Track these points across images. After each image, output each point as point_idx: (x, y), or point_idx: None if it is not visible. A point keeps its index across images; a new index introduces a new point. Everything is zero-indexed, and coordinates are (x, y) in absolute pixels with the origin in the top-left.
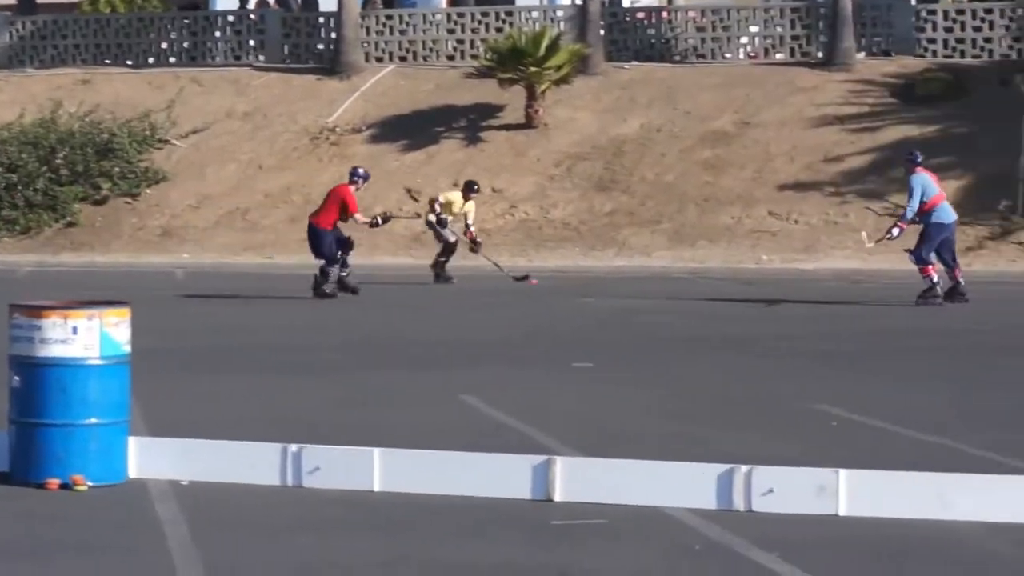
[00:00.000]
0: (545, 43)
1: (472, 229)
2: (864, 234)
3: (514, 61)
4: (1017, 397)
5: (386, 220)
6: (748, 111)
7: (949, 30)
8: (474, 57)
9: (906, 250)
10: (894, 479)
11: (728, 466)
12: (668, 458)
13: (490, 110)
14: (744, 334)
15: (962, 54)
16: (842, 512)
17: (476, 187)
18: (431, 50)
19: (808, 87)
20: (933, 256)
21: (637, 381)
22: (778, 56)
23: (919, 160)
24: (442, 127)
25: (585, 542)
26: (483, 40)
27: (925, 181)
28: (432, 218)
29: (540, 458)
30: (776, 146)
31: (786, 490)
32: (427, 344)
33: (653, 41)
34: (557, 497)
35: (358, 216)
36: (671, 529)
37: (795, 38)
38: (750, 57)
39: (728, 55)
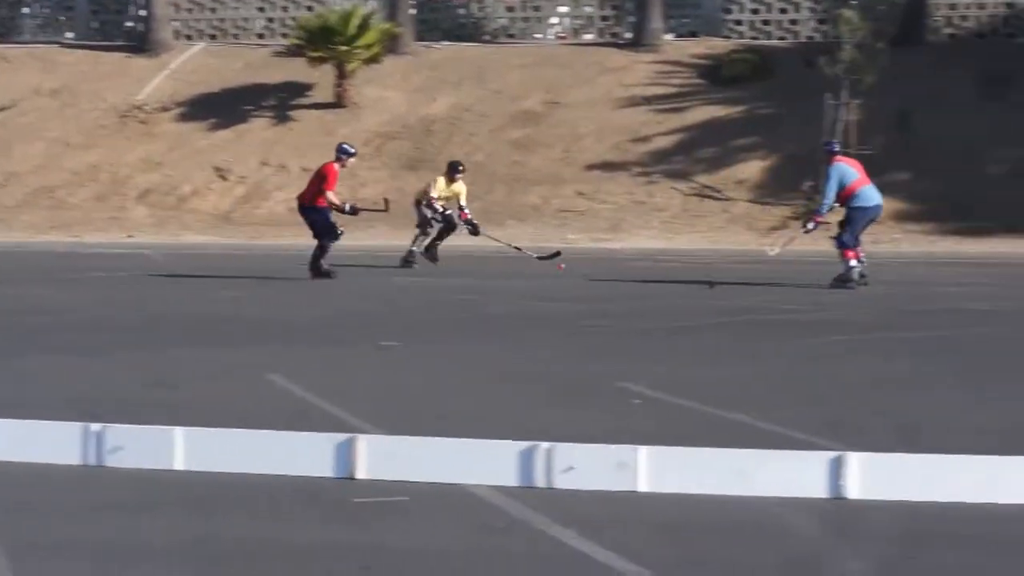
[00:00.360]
0: (355, 22)
1: (467, 210)
2: (769, 246)
3: (324, 40)
4: (815, 373)
5: (355, 212)
6: (557, 91)
7: (755, 12)
8: (284, 36)
9: (832, 236)
10: (692, 455)
11: (530, 443)
12: (472, 436)
13: (300, 89)
14: (553, 312)
15: (768, 36)
16: (641, 489)
17: (461, 167)
18: (241, 28)
19: (616, 68)
20: (854, 240)
21: (444, 359)
22: (587, 37)
23: (836, 149)
24: (251, 106)
25: (387, 520)
26: (293, 19)
27: (842, 170)
28: (433, 214)
29: (343, 436)
30: (584, 126)
31: (587, 467)
32: (239, 322)
33: (463, 21)
34: (360, 475)
35: (331, 195)
36: (473, 506)
37: (604, 19)
38: (559, 38)
39: (538, 35)
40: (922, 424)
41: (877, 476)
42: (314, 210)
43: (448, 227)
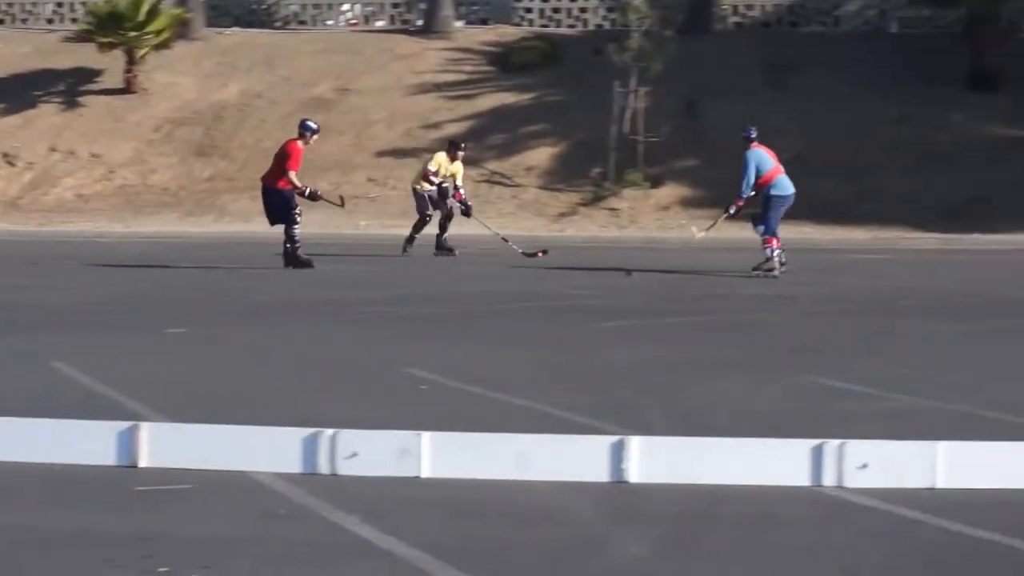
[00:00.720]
0: (145, 8)
1: (462, 191)
2: (694, 228)
3: (113, 25)
4: (599, 358)
5: (314, 197)
6: (348, 78)
7: (546, 0)
8: (74, 21)
9: (753, 223)
10: (475, 440)
11: (313, 430)
12: (256, 423)
13: (89, 75)
14: (342, 299)
15: (558, 24)
16: (424, 474)
17: (462, 145)
18: (30, 13)
19: (407, 55)
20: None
21: (230, 346)
22: (378, 24)
23: (753, 136)
24: (40, 91)
25: (170, 508)
26: (83, 3)
27: (759, 156)
28: (429, 189)
29: (125, 424)
30: (375, 113)
31: (370, 453)
32: (24, 310)
33: (254, 7)
34: (143, 463)
35: (292, 175)
36: (257, 494)
37: (395, 6)
38: (350, 25)
39: (329, 22)
40: (701, 408)
41: (657, 459)
42: (277, 193)
43: (447, 214)
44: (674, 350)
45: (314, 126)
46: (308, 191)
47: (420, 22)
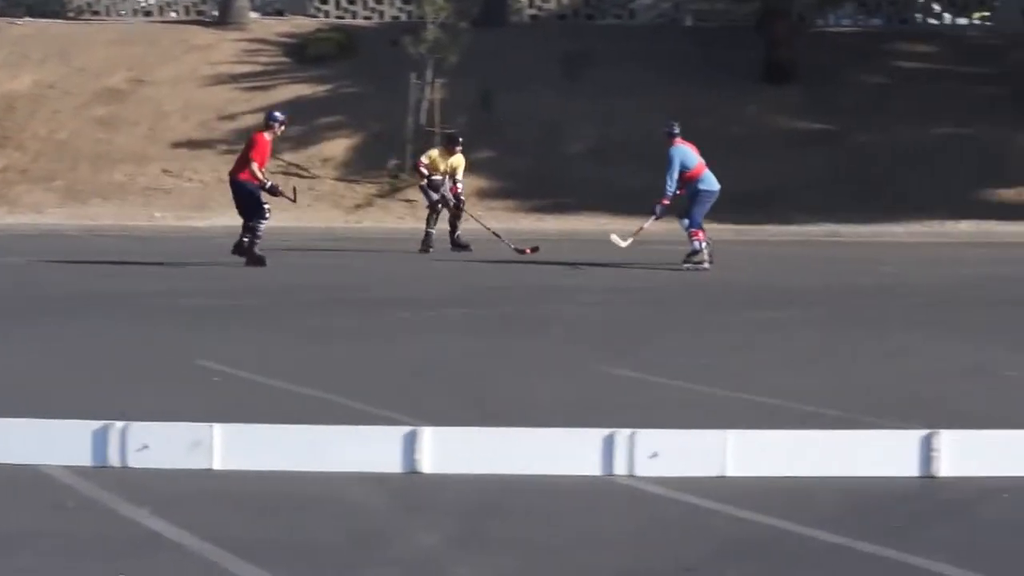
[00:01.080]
0: None
1: (459, 185)
2: (614, 236)
3: None
4: (393, 349)
5: (274, 192)
6: (142, 69)
7: None
8: None
9: (679, 217)
10: (268, 432)
11: (103, 422)
12: (46, 415)
13: None
14: (134, 291)
15: (354, 15)
16: (216, 466)
17: (460, 140)
18: None
19: (203, 46)
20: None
21: (22, 339)
22: (173, 15)
23: (676, 132)
24: None
25: None
26: None
27: (684, 153)
28: (421, 181)
29: None
30: (170, 104)
31: (161, 446)
32: None
33: None
34: None
35: (255, 166)
36: (46, 487)
37: None
38: (145, 15)
39: (123, 12)
40: (495, 398)
41: (450, 450)
42: (241, 185)
43: (455, 211)
44: (470, 341)
45: (280, 117)
46: (269, 184)
47: (215, 13)
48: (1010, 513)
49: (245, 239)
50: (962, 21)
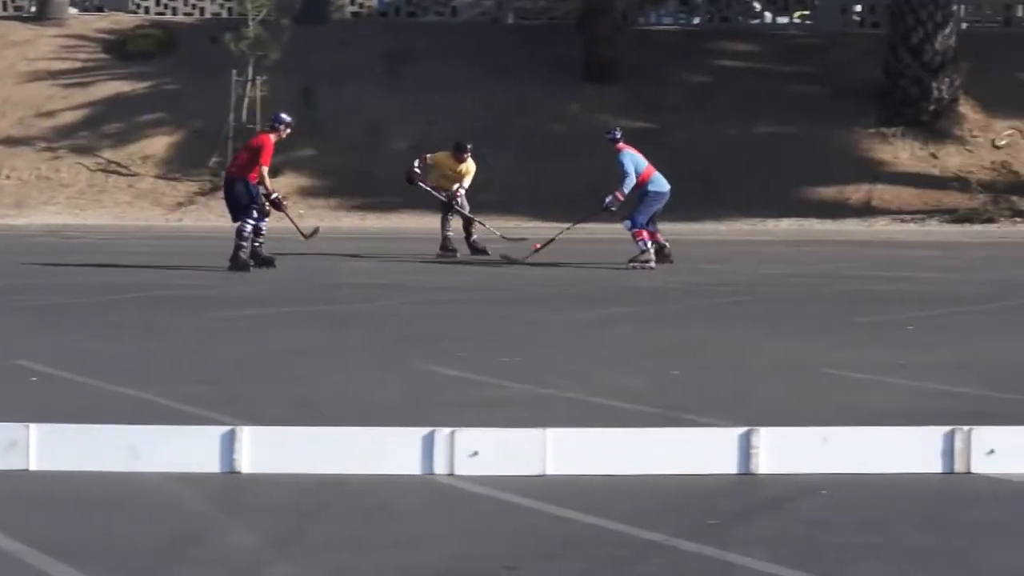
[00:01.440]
0: None
1: (462, 190)
2: (537, 245)
3: None
4: (215, 348)
5: (278, 205)
6: None
7: None
8: None
9: (624, 219)
10: (85, 432)
11: None
12: None
13: None
14: None
15: (174, 12)
16: (33, 467)
17: (468, 147)
18: None
19: (20, 41)
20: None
21: None
22: None
23: (619, 136)
24: None
25: None
26: None
27: (634, 156)
28: (412, 174)
29: None
30: None
31: None
32: None
33: None
34: None
35: (265, 172)
36: None
37: None
38: None
39: None
40: (316, 397)
41: (270, 450)
42: (243, 183)
43: (467, 218)
44: (294, 339)
45: (287, 119)
46: (275, 196)
47: (34, 8)
48: (828, 509)
49: (243, 243)
50: (783, 20)
